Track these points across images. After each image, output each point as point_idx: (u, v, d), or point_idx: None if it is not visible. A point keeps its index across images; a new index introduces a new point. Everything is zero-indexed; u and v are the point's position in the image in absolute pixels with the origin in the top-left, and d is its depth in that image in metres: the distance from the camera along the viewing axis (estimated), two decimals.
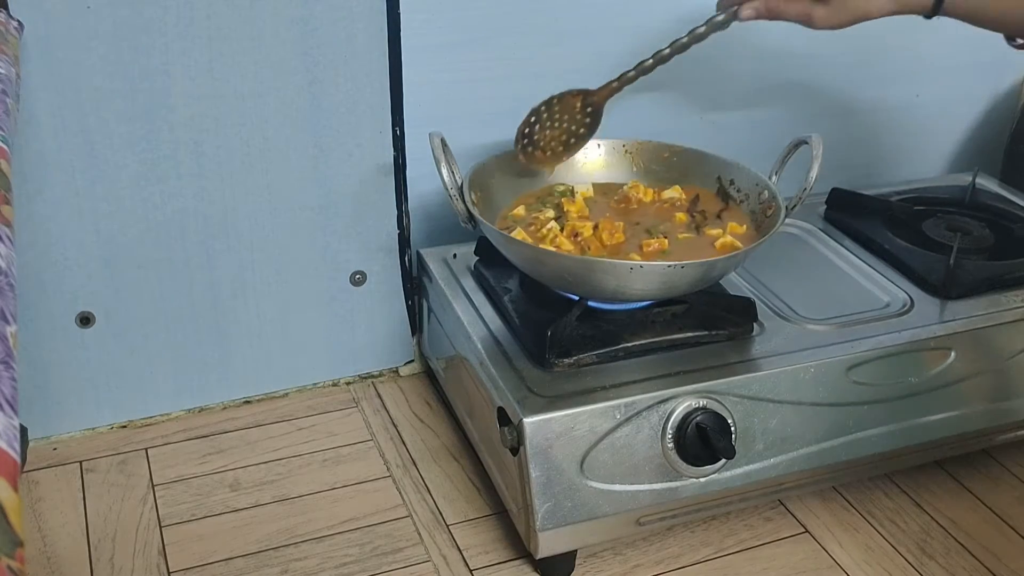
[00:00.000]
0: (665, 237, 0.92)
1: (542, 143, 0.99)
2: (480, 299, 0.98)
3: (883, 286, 1.01)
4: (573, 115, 0.98)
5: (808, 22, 0.90)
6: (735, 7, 0.91)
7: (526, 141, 0.98)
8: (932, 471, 1.02)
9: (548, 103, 0.97)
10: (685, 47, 0.93)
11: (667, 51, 0.94)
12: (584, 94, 0.98)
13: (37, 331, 0.98)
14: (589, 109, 0.98)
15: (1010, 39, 0.92)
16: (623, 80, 0.96)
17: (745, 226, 0.95)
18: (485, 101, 1.06)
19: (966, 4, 0.88)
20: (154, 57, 0.91)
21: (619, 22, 1.08)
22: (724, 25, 0.92)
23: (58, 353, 1.00)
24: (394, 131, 1.03)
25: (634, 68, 0.95)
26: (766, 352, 0.90)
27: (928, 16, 0.90)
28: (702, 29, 0.92)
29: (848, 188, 1.15)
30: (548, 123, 0.98)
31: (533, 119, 0.98)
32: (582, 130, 0.99)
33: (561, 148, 1.00)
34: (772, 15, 0.91)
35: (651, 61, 0.94)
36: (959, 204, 1.16)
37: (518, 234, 0.91)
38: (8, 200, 0.57)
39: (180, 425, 1.07)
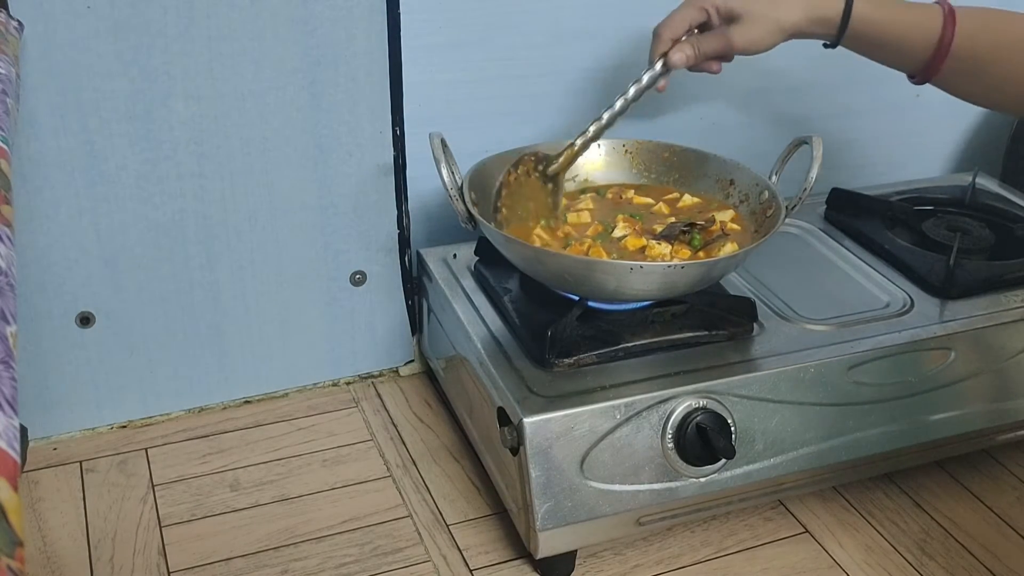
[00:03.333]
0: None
1: (510, 217, 0.95)
2: (480, 299, 0.98)
3: (883, 286, 1.01)
4: (535, 192, 0.96)
5: (729, 50, 0.89)
6: (663, 56, 0.90)
7: (498, 216, 0.94)
8: (932, 471, 1.02)
9: (505, 182, 0.94)
10: (633, 100, 0.92)
11: (620, 104, 0.92)
12: (538, 161, 0.96)
13: (37, 331, 0.98)
14: (550, 186, 0.97)
15: (910, 76, 0.92)
16: (584, 144, 0.95)
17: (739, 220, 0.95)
18: (485, 101, 1.06)
19: (869, 26, 0.87)
20: (154, 57, 0.91)
21: (619, 22, 1.08)
22: (663, 75, 0.91)
23: (58, 353, 1.00)
24: (394, 131, 1.03)
25: (592, 125, 0.94)
26: (766, 352, 0.90)
27: (832, 43, 0.89)
28: (645, 79, 0.91)
29: (848, 188, 1.15)
30: (510, 200, 0.95)
31: (501, 192, 0.94)
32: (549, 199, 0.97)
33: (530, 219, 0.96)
34: (698, 55, 0.90)
35: (606, 117, 0.93)
36: (959, 204, 1.15)
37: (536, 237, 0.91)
38: (8, 200, 0.57)
39: (180, 425, 1.07)
